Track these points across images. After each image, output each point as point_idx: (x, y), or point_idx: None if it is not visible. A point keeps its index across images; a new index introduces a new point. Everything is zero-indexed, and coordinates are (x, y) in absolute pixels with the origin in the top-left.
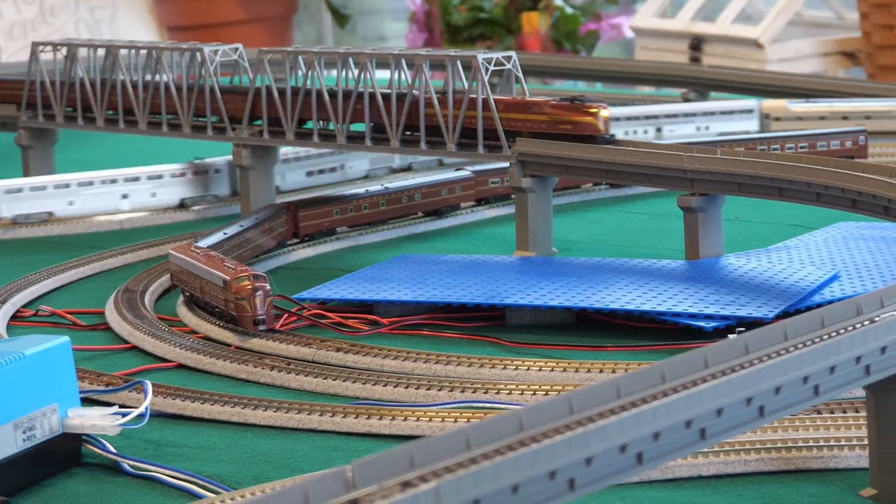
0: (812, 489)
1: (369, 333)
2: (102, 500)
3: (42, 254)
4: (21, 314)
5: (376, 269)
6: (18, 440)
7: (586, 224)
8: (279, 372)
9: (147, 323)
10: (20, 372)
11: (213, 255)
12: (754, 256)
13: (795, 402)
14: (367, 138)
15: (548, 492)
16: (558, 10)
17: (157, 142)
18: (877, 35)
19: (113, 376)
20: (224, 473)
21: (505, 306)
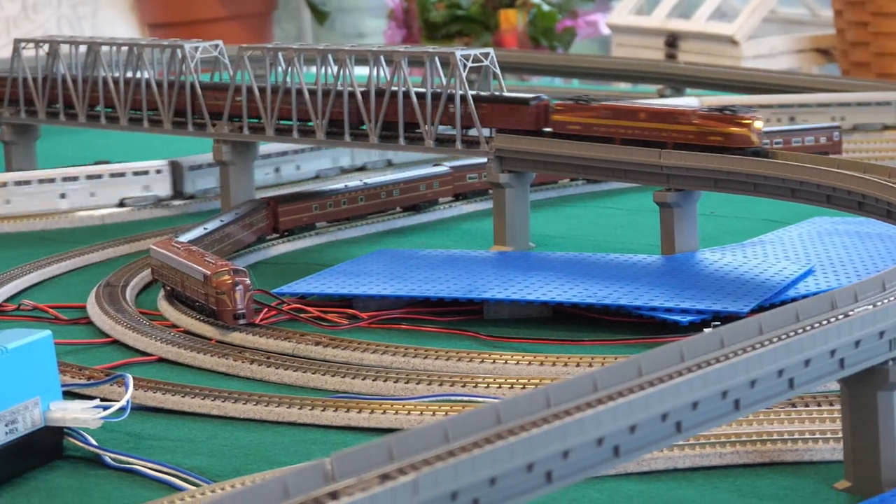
0: (787, 482)
1: (348, 328)
2: (84, 492)
3: (24, 248)
4: (3, 308)
5: (355, 264)
6: (0, 434)
7: (563, 219)
8: (259, 366)
9: (128, 317)
10: (2, 366)
11: (194, 250)
12: (729, 251)
13: (770, 395)
14: (346, 134)
15: (525, 484)
16: (535, 8)
17: (137, 137)
18: (850, 32)
19: (94, 370)
20: (204, 466)
21: (482, 300)
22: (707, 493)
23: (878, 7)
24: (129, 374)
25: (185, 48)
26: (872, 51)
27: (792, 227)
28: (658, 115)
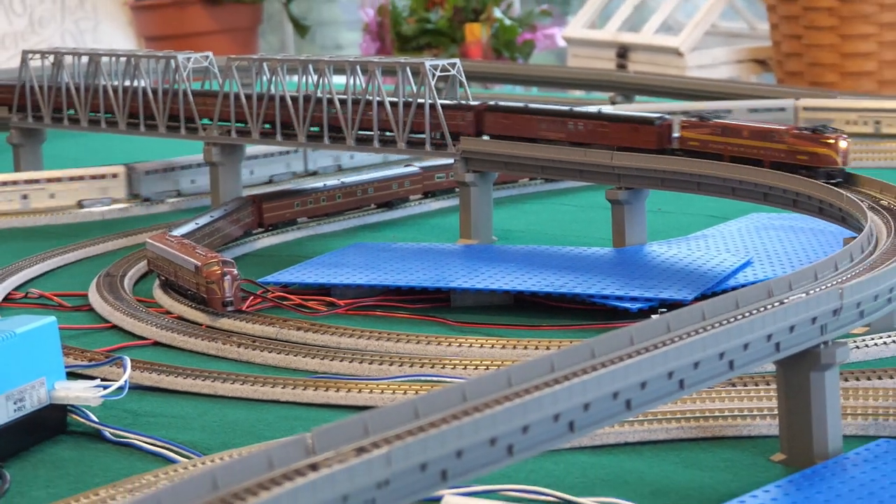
0: (727, 454)
1: (327, 314)
2: (86, 464)
3: (30, 242)
4: (12, 296)
5: (333, 256)
6: (10, 410)
7: (523, 215)
8: (245, 349)
9: (126, 304)
10: (11, 348)
11: (186, 242)
12: (675, 244)
13: (712, 375)
14: (326, 137)
15: (489, 457)
16: (498, 22)
17: (134, 140)
18: (785, 44)
19: (95, 353)
20: (196, 440)
21: (450, 289)
22: (654, 465)
23: (811, 21)
24: (126, 357)
25: (178, 59)
26: (805, 61)
27: (732, 222)
28: (758, 133)
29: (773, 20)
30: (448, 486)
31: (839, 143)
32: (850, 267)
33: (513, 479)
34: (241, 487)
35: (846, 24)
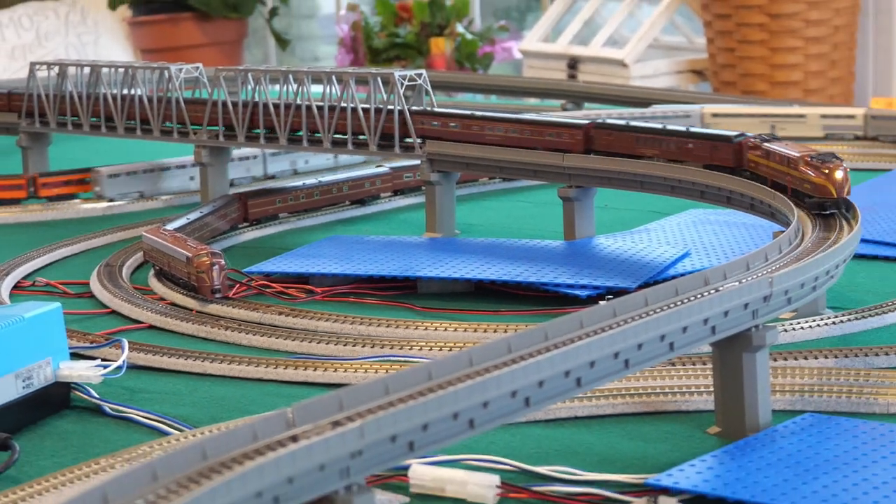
0: (668, 427)
1: (305, 300)
2: (87, 436)
3: (37, 235)
4: (21, 285)
5: (311, 248)
6: (19, 387)
7: (483, 211)
8: (232, 332)
9: (124, 292)
10: (20, 331)
11: (178, 236)
12: (620, 237)
13: (654, 356)
14: (305, 140)
15: (452, 430)
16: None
17: (131, 143)
18: (720, 56)
19: (96, 335)
20: (187, 415)
21: (416, 278)
22: (602, 437)
23: (743, 36)
24: (124, 339)
25: (171, 69)
26: (738, 72)
27: (672, 218)
28: (784, 160)
29: (709, 34)
30: (415, 456)
31: (835, 173)
32: (778, 258)
33: (474, 450)
34: (228, 457)
35: (775, 38)
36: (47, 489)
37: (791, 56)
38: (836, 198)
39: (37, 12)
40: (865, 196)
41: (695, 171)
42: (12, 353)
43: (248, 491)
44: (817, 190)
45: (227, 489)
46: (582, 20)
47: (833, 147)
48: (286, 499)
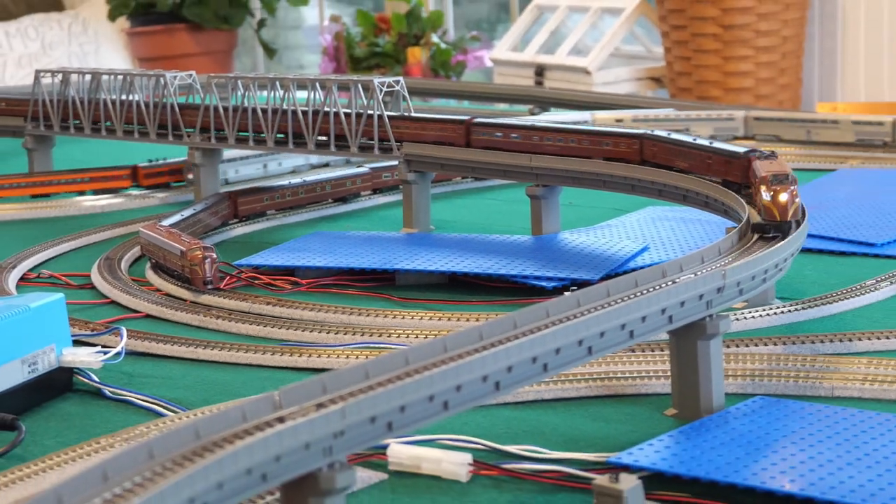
0: (628, 409)
1: (291, 291)
2: (89, 417)
3: (42, 230)
4: (27, 277)
5: (297, 242)
6: (24, 372)
7: (456, 208)
8: (223, 320)
9: (123, 283)
10: (26, 320)
11: (173, 231)
12: (584, 232)
13: (615, 343)
14: (290, 142)
15: (427, 411)
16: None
17: (129, 145)
18: (676, 65)
19: (96, 324)
20: (181, 397)
21: (395, 270)
22: (566, 419)
23: (698, 46)
24: (123, 327)
25: (166, 77)
26: (693, 79)
27: (632, 214)
28: (760, 180)
29: (666, 44)
30: (394, 436)
31: (779, 196)
32: (731, 252)
33: (448, 430)
34: (220, 437)
35: (728, 48)
36: (51, 467)
37: (743, 64)
38: (778, 221)
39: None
40: (812, 194)
41: (652, 171)
42: (18, 340)
43: (239, 468)
44: (765, 211)
45: (218, 467)
46: (548, 31)
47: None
48: (273, 476)
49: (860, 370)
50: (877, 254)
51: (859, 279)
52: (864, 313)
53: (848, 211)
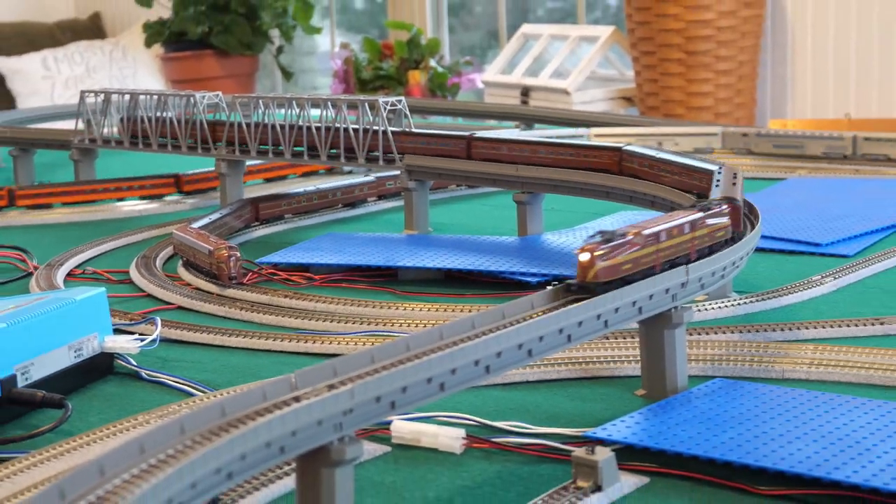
0: (603, 390)
1: (306, 286)
2: (127, 397)
3: (86, 232)
4: (73, 273)
5: (311, 243)
6: (71, 357)
7: (452, 212)
8: (246, 311)
9: (157, 278)
10: (72, 311)
11: (202, 232)
12: (564, 234)
13: (592, 331)
14: (305, 155)
15: (426, 392)
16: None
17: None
18: (645, 86)
19: (134, 314)
20: (209, 379)
21: (397, 267)
22: (548, 398)
23: (664, 69)
24: (158, 317)
25: (196, 97)
26: (660, 98)
27: (606, 218)
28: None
29: (636, 68)
30: (396, 414)
31: (580, 256)
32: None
33: (444, 408)
34: (243, 414)
35: (691, 71)
36: (94, 440)
37: (704, 86)
38: (580, 281)
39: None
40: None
41: (624, 180)
42: (65, 328)
43: (260, 442)
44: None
45: (242, 440)
46: (532, 56)
47: None
48: (290, 448)
49: (807, 355)
50: (822, 252)
51: (806, 275)
52: (810, 305)
53: (797, 215)
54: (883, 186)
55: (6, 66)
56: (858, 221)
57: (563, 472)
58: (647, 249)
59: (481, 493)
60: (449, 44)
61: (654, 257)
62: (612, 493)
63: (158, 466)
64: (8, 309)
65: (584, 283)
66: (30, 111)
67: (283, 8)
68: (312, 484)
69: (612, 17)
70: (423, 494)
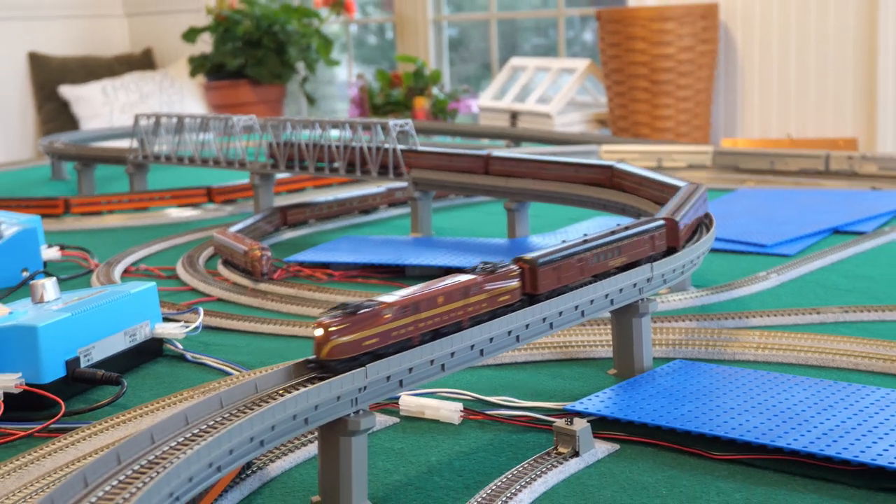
0: (580, 369)
1: (327, 281)
2: (174, 376)
3: (140, 235)
4: (128, 270)
5: (332, 244)
6: (126, 341)
7: (451, 218)
8: (276, 303)
9: (200, 274)
10: (128, 302)
11: (238, 235)
12: (547, 236)
13: (569, 321)
14: (326, 169)
15: (429, 372)
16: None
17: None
18: (616, 110)
19: (180, 305)
20: (245, 360)
21: (405, 265)
22: (533, 376)
23: (633, 96)
24: (200, 308)
25: (233, 119)
26: (629, 121)
27: (584, 222)
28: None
29: (609, 95)
30: (404, 390)
31: (315, 330)
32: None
33: (444, 385)
34: (273, 391)
35: (655, 98)
36: (146, 413)
37: (666, 110)
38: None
39: (140, 79)
40: (720, 208)
41: (599, 190)
42: (122, 317)
43: (287, 414)
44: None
45: (272, 413)
46: (520, 85)
47: None
48: (313, 420)
49: (754, 340)
50: (767, 252)
51: (754, 271)
52: (757, 298)
53: (746, 220)
54: (822, 196)
55: (71, 94)
56: (799, 226)
57: (546, 439)
58: (401, 321)
59: (476, 458)
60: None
61: (411, 329)
62: (588, 457)
63: (201, 435)
64: (73, 300)
65: (319, 360)
66: (91, 132)
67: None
68: (332, 450)
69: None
70: (426, 458)
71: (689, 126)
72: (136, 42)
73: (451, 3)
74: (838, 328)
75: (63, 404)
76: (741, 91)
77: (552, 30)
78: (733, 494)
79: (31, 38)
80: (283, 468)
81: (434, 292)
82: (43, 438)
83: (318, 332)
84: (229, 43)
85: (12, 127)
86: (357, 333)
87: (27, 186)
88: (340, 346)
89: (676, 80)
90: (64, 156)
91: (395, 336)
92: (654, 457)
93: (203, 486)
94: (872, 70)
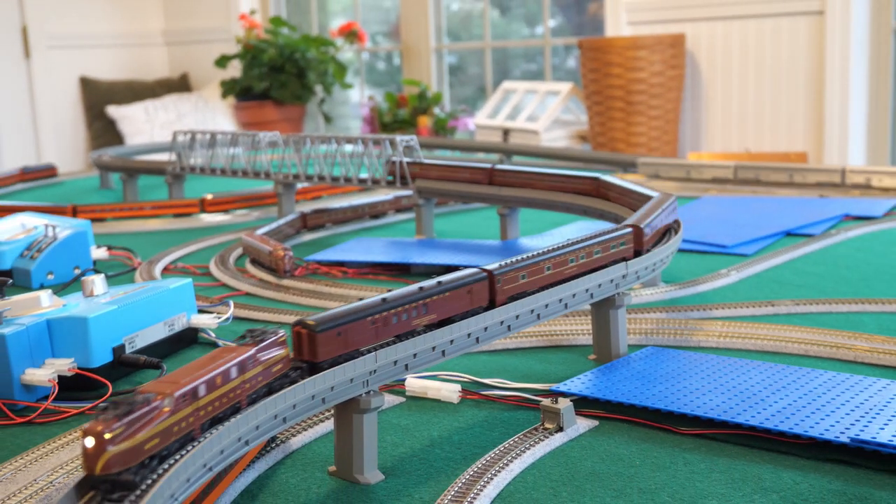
0: (565, 354)
1: (342, 277)
2: None
3: (177, 237)
4: (168, 268)
5: (346, 245)
6: (166, 330)
7: (452, 222)
8: (297, 296)
9: (230, 272)
10: (167, 296)
11: (264, 237)
12: (536, 238)
13: (555, 311)
14: (342, 179)
15: (431, 357)
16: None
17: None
18: (596, 128)
19: (213, 298)
20: None
21: (410, 263)
22: (524, 360)
23: (610, 115)
24: (231, 301)
25: (259, 135)
26: (607, 137)
27: (567, 226)
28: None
29: (589, 114)
30: (409, 373)
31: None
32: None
33: (445, 369)
34: None
35: (629, 117)
36: None
37: (639, 127)
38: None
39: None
40: (686, 213)
41: (581, 198)
42: (162, 309)
43: (307, 394)
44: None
45: (293, 393)
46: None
47: None
48: (329, 399)
49: (717, 329)
50: (728, 252)
51: (716, 269)
52: (719, 292)
53: (709, 224)
54: (777, 203)
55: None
56: (756, 229)
57: (534, 416)
58: (182, 412)
59: (473, 433)
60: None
61: (192, 420)
62: (571, 432)
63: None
64: (119, 294)
65: (94, 477)
66: (135, 147)
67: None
68: (346, 426)
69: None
70: (429, 433)
71: (660, 141)
72: (174, 68)
73: (451, 33)
74: (790, 319)
75: (110, 385)
76: (705, 110)
77: (539, 57)
78: (698, 464)
79: (83, 65)
80: (304, 442)
81: (213, 374)
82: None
83: (87, 441)
84: (256, 68)
85: (66, 142)
86: (137, 436)
87: (79, 194)
88: (119, 455)
89: (648, 101)
90: (111, 167)
91: (178, 431)
92: (629, 432)
93: (233, 457)
94: (820, 92)
